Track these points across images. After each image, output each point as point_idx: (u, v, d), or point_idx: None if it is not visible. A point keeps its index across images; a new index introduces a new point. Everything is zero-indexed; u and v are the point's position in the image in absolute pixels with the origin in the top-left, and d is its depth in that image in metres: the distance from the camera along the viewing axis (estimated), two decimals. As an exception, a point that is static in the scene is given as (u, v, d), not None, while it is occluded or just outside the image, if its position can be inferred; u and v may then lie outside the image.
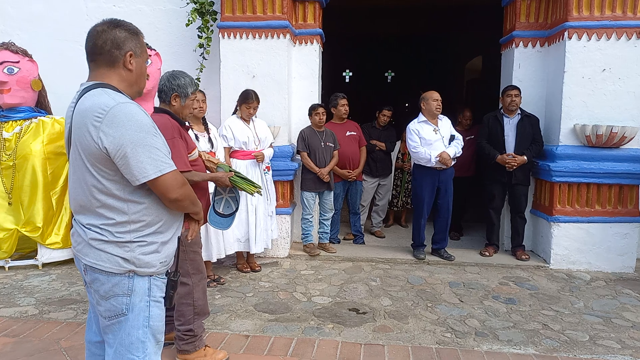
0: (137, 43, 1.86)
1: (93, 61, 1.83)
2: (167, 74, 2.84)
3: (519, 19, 4.97)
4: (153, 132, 1.76)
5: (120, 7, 5.27)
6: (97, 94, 1.73)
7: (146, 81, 2.02)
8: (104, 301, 1.83)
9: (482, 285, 4.31)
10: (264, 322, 3.50)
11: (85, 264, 1.82)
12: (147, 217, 1.81)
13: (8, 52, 4.42)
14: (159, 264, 1.86)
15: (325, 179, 4.94)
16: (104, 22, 1.83)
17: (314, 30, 5.11)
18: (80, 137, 1.73)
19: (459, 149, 4.84)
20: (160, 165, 1.74)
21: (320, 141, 4.97)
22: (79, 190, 1.81)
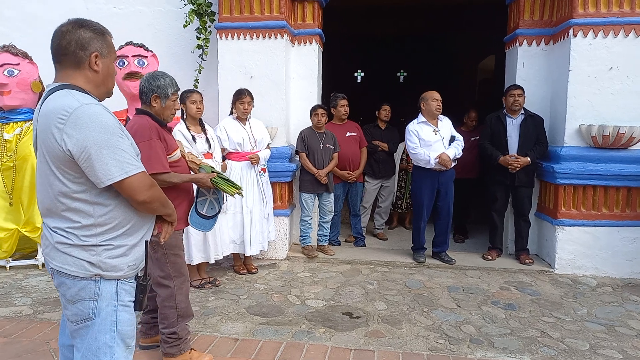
0: (103, 43, 1.83)
1: (58, 62, 1.80)
2: (147, 75, 2.83)
3: (523, 16, 4.85)
4: (118, 134, 1.72)
5: (121, 8, 5.30)
6: (61, 96, 1.71)
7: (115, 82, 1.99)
8: (70, 305, 1.81)
9: (482, 290, 4.22)
10: (254, 326, 3.47)
11: (52, 267, 1.80)
12: (114, 220, 1.79)
13: (8, 54, 4.47)
14: (127, 267, 1.83)
15: (322, 181, 4.86)
16: (69, 22, 1.81)
17: (312, 31, 5.07)
18: (45, 140, 1.71)
19: (459, 150, 4.74)
20: (125, 167, 1.71)
21: (320, 142, 4.90)
22: (44, 194, 1.79)
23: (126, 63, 4.35)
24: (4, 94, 4.46)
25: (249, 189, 4.35)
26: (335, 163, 5.04)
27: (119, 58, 4.38)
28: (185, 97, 3.91)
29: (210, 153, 4.03)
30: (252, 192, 4.38)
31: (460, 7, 7.48)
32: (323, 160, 4.90)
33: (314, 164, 4.87)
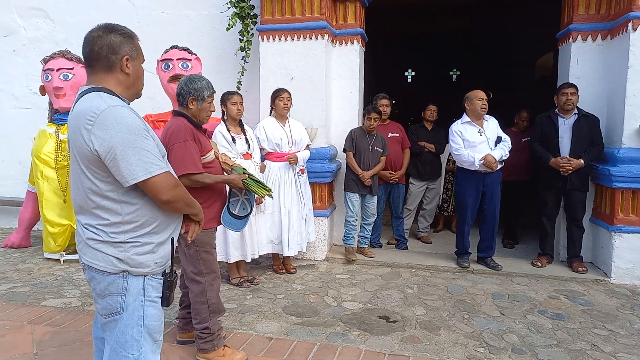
0: (132, 46, 1.89)
1: (91, 67, 1.87)
2: (184, 78, 2.92)
3: (577, 11, 4.58)
4: (144, 135, 1.77)
5: (169, 13, 5.48)
6: (90, 98, 1.77)
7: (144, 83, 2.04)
8: (100, 299, 1.88)
9: (528, 298, 4.02)
10: (289, 325, 3.47)
11: (84, 262, 1.88)
12: (141, 218, 1.84)
13: (64, 59, 4.74)
14: (154, 264, 1.88)
15: (366, 182, 4.77)
16: (99, 27, 1.87)
17: (354, 30, 5.02)
18: (75, 140, 1.78)
19: (505, 152, 4.54)
20: (149, 167, 1.75)
21: (369, 144, 4.83)
22: (76, 192, 1.86)
23: (171, 66, 4.49)
24: (59, 96, 4.73)
25: (286, 189, 4.37)
26: (381, 166, 4.94)
27: (164, 61, 4.53)
28: (226, 98, 3.98)
29: (250, 154, 4.09)
30: (290, 193, 4.40)
31: (517, 3, 7.19)
32: (369, 162, 4.82)
33: (360, 164, 4.80)
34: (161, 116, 4.61)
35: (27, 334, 3.28)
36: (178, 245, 2.79)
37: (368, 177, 4.77)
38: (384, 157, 4.93)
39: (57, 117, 4.93)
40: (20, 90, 6.14)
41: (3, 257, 5.08)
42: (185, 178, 2.68)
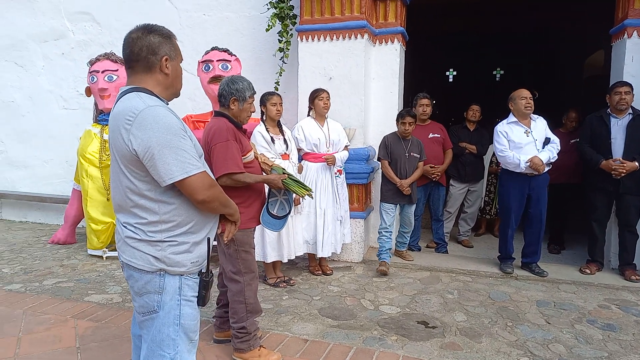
0: (171, 46, 1.89)
1: (130, 67, 1.89)
2: (226, 78, 2.95)
3: (633, 5, 4.34)
4: (181, 135, 1.77)
5: (209, 15, 5.55)
6: (130, 98, 1.79)
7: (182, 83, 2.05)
8: (138, 297, 1.90)
9: (576, 307, 3.82)
10: (325, 328, 3.43)
11: (123, 260, 1.90)
12: (177, 218, 1.84)
13: (109, 61, 4.88)
14: (190, 264, 1.89)
15: (405, 192, 4.51)
16: (138, 28, 1.88)
17: (395, 29, 4.94)
18: (115, 140, 1.80)
19: (553, 154, 4.34)
20: (186, 166, 1.75)
21: (405, 150, 4.58)
22: (116, 190, 1.88)
23: (211, 67, 4.53)
24: (104, 97, 4.87)
25: (323, 190, 4.33)
26: (420, 173, 4.68)
27: (204, 63, 4.58)
28: (266, 99, 3.98)
29: (288, 154, 4.08)
30: (326, 194, 4.36)
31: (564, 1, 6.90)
32: (407, 169, 4.57)
33: (396, 172, 4.56)
34: (201, 117, 4.67)
35: (71, 328, 3.37)
36: (217, 245, 2.80)
37: (407, 185, 4.52)
38: (421, 163, 4.69)
39: (102, 117, 5.08)
40: (68, 92, 6.37)
41: (49, 253, 5.27)
42: (226, 177, 2.71)
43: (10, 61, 6.60)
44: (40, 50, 6.44)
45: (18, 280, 4.37)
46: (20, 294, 4.03)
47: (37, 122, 6.60)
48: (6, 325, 3.41)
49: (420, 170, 4.69)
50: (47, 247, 5.51)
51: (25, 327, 3.37)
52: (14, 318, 3.52)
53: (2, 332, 3.29)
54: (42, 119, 6.56)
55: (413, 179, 4.60)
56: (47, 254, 5.24)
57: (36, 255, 5.18)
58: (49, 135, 6.54)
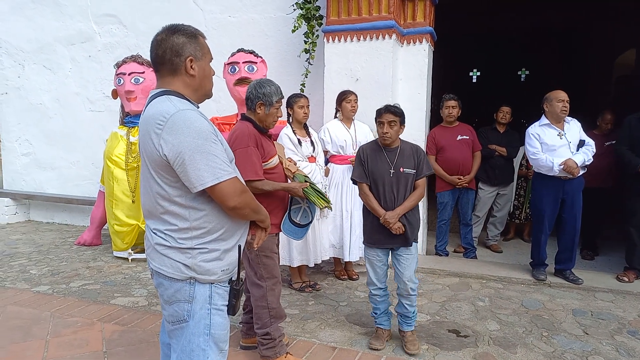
0: (196, 46, 1.83)
1: (158, 71, 1.85)
2: (254, 82, 2.90)
3: (673, 1, 4.16)
4: (212, 139, 1.72)
5: (235, 17, 5.53)
6: (160, 102, 1.75)
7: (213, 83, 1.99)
8: (167, 306, 1.85)
9: (615, 317, 3.66)
10: (353, 335, 3.35)
11: (152, 267, 1.86)
12: (208, 224, 1.79)
13: (135, 64, 4.88)
14: (221, 272, 1.84)
15: (394, 230, 2.96)
16: (163, 29, 1.84)
17: (423, 29, 4.83)
18: (145, 145, 1.76)
19: (589, 157, 4.18)
20: (217, 172, 1.70)
21: (389, 166, 3.02)
22: (146, 196, 1.85)
23: (237, 69, 4.50)
24: (130, 100, 4.87)
25: (349, 193, 4.25)
26: (418, 198, 3.06)
27: (230, 65, 4.55)
28: (293, 101, 3.93)
29: (314, 156, 4.02)
30: (353, 197, 4.27)
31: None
32: (394, 194, 3.02)
33: (379, 199, 3.06)
34: (227, 119, 4.64)
35: (97, 332, 3.36)
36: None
37: (394, 219, 2.95)
38: (422, 181, 3.08)
39: (128, 119, 5.09)
40: (94, 94, 6.43)
41: (76, 255, 5.31)
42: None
43: (39, 64, 6.69)
44: (67, 53, 6.51)
45: (45, 281, 4.40)
46: (48, 295, 4.06)
47: (64, 124, 6.68)
48: (35, 327, 3.42)
49: (420, 194, 3.08)
50: (73, 249, 5.56)
51: (52, 330, 3.38)
52: (42, 320, 3.54)
53: (30, 335, 3.30)
54: (69, 121, 6.64)
55: (406, 208, 3.00)
56: (73, 255, 5.28)
57: (63, 256, 5.23)
58: (76, 137, 6.61)
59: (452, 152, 4.92)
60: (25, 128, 6.93)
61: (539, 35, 9.29)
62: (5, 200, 6.83)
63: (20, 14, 6.66)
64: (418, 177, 3.06)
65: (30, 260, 5.07)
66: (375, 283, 3.18)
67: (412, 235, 3.07)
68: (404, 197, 3.04)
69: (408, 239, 3.05)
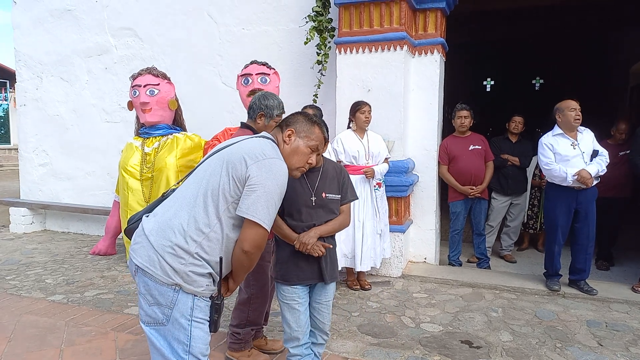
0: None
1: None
2: (260, 93, 3.00)
3: (688, 11, 4.14)
4: (283, 192, 1.99)
5: (249, 29, 5.60)
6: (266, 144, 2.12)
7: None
8: (146, 305, 1.88)
9: (630, 328, 3.62)
10: (365, 346, 3.34)
11: (136, 264, 1.88)
12: (216, 245, 1.89)
13: (150, 75, 4.96)
14: (206, 285, 1.89)
15: (314, 251, 2.38)
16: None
17: (434, 40, 4.86)
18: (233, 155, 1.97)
19: (602, 167, 4.16)
20: (266, 218, 1.88)
21: (309, 191, 2.46)
22: (193, 187, 1.94)
23: (250, 81, 4.55)
24: (145, 111, 4.94)
25: (362, 203, 4.26)
26: (340, 225, 2.55)
27: (243, 76, 4.61)
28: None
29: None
30: (365, 207, 4.28)
31: (610, 5, 6.68)
32: (310, 218, 2.45)
33: (294, 223, 2.46)
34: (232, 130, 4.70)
35: (111, 341, 3.39)
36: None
37: (310, 242, 2.37)
38: (347, 206, 2.59)
39: (143, 130, 5.16)
40: (110, 106, 6.54)
41: (90, 264, 5.37)
42: None
43: (57, 76, 6.83)
44: (84, 65, 6.64)
45: (60, 291, 4.46)
46: (62, 304, 4.10)
47: (80, 134, 6.79)
48: (50, 336, 3.46)
49: (343, 221, 2.55)
50: (88, 258, 5.62)
51: (67, 339, 3.42)
52: (56, 329, 3.58)
53: (46, 344, 3.35)
54: (85, 132, 6.75)
55: (322, 232, 2.44)
56: (88, 264, 5.34)
57: (78, 266, 5.29)
58: (91, 148, 6.72)
59: (465, 162, 4.93)
60: (43, 139, 7.05)
61: (554, 43, 9.28)
62: (21, 210, 6.93)
63: (41, 27, 6.81)
64: (342, 203, 2.57)
65: (46, 269, 5.15)
66: (298, 337, 2.50)
67: (331, 272, 2.53)
68: (319, 220, 2.48)
69: (323, 271, 2.46)
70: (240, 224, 1.90)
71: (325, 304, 2.56)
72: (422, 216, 5.07)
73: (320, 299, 2.55)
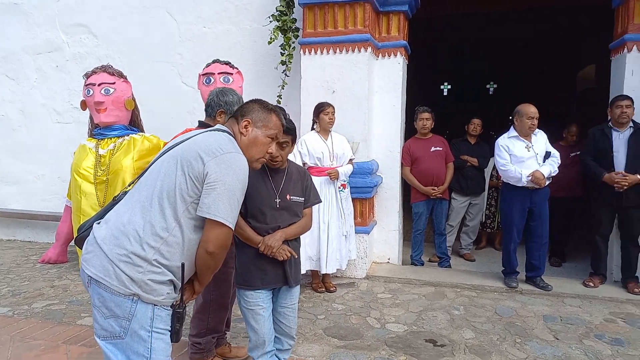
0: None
1: None
2: (216, 89, 2.86)
3: (633, 20, 4.37)
4: (244, 189, 1.90)
5: (210, 28, 5.50)
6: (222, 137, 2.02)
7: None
8: (101, 319, 1.76)
9: (583, 321, 3.79)
10: (332, 348, 3.33)
11: (90, 275, 1.76)
12: (177, 249, 1.79)
13: (106, 74, 4.76)
14: (166, 294, 1.80)
15: (280, 255, 2.35)
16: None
17: (397, 43, 4.93)
18: (186, 152, 1.88)
19: (554, 168, 4.36)
20: (229, 217, 1.81)
21: (274, 193, 2.44)
22: (148, 188, 1.82)
23: (212, 80, 4.45)
24: (100, 111, 4.73)
25: (327, 204, 4.26)
26: (304, 228, 2.54)
27: (205, 76, 4.50)
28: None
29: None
30: (330, 209, 4.29)
31: (556, 13, 6.99)
32: (276, 219, 2.42)
33: (258, 225, 2.39)
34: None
35: (63, 355, 3.21)
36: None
37: (276, 245, 2.34)
38: (309, 210, 2.59)
39: (98, 131, 4.93)
40: (62, 106, 6.26)
41: (39, 273, 5.05)
42: None
43: (2, 74, 6.47)
44: (33, 63, 6.32)
45: (5, 303, 4.16)
46: (7, 318, 3.83)
47: (29, 136, 6.45)
48: (-6, 352, 3.24)
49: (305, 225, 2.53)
50: (37, 267, 5.29)
51: (13, 355, 3.19)
52: (0, 345, 3.34)
53: (-11, 360, 3.14)
54: (35, 133, 6.42)
55: (287, 235, 2.42)
56: (36, 274, 5.03)
57: (25, 275, 4.97)
58: (41, 150, 6.39)
59: (427, 163, 5.02)
60: (-13, 140, 6.67)
61: (507, 49, 9.62)
62: (-37, 217, 6.51)
63: (-16, 22, 6.45)
64: (305, 207, 2.55)
65: (-11, 280, 4.82)
66: (264, 344, 2.43)
67: (295, 274, 2.49)
68: (283, 222, 2.44)
69: (288, 274, 2.42)
70: (202, 224, 1.81)
71: (291, 307, 2.54)
72: (385, 217, 5.12)
73: (285, 303, 2.52)
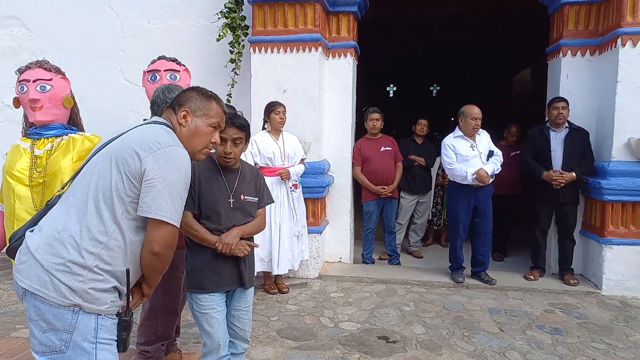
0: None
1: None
2: (162, 86, 2.73)
3: (567, 26, 4.64)
4: (188, 184, 1.81)
5: (155, 24, 5.32)
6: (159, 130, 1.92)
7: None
8: (39, 333, 1.64)
9: (525, 313, 3.98)
10: (286, 350, 3.32)
11: (24, 287, 1.64)
12: (119, 253, 1.68)
13: (41, 69, 4.45)
14: (111, 302, 1.69)
15: (239, 251, 2.30)
16: None
17: (347, 43, 4.97)
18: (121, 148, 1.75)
19: (497, 166, 4.56)
20: (173, 215, 1.71)
21: (227, 193, 2.37)
22: (82, 189, 1.70)
23: (158, 77, 4.30)
24: (35, 109, 4.41)
25: (278, 205, 4.23)
26: (258, 227, 2.52)
27: (150, 72, 4.35)
28: None
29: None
30: (282, 209, 4.26)
31: (494, 18, 7.29)
32: (230, 220, 2.37)
33: (212, 226, 2.33)
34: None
35: (-2, 369, 3.03)
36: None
37: (234, 243, 2.30)
38: (263, 210, 2.58)
39: (33, 130, 4.60)
40: (-8, 103, 5.85)
41: (-29, 282, 4.74)
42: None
43: None
44: (-42, 57, 5.87)
45: None
46: None
47: (-45, 135, 5.99)
48: None
49: (258, 224, 2.51)
50: (-33, 275, 4.96)
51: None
52: None
53: None
54: (-39, 132, 5.97)
55: (243, 233, 2.37)
56: (-33, 282, 4.72)
57: (-47, 284, 4.65)
58: (-31, 150, 5.95)
59: (377, 162, 5.10)
60: None
61: (449, 53, 9.94)
62: None
63: None
64: (259, 207, 2.53)
65: None
66: (219, 348, 2.36)
67: (250, 276, 2.45)
68: (237, 221, 2.39)
69: (243, 275, 2.38)
70: (144, 225, 1.70)
71: (245, 310, 2.47)
72: (337, 217, 5.16)
73: (239, 305, 2.45)
